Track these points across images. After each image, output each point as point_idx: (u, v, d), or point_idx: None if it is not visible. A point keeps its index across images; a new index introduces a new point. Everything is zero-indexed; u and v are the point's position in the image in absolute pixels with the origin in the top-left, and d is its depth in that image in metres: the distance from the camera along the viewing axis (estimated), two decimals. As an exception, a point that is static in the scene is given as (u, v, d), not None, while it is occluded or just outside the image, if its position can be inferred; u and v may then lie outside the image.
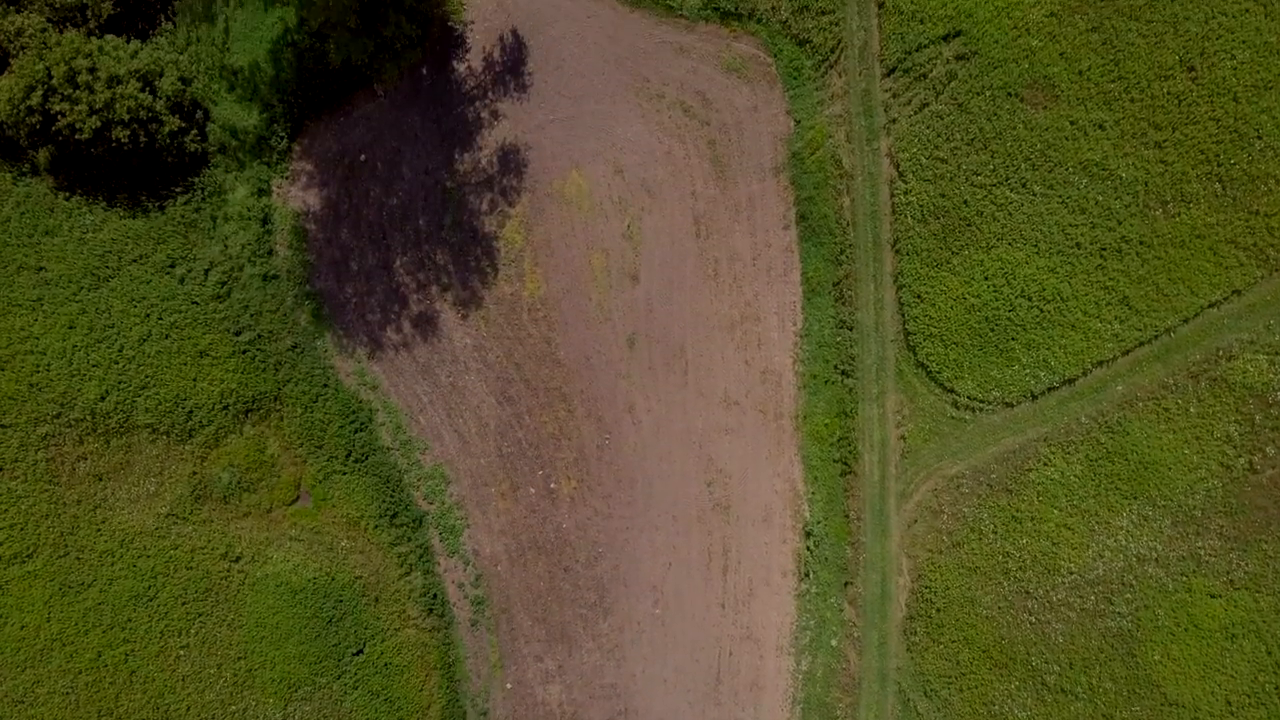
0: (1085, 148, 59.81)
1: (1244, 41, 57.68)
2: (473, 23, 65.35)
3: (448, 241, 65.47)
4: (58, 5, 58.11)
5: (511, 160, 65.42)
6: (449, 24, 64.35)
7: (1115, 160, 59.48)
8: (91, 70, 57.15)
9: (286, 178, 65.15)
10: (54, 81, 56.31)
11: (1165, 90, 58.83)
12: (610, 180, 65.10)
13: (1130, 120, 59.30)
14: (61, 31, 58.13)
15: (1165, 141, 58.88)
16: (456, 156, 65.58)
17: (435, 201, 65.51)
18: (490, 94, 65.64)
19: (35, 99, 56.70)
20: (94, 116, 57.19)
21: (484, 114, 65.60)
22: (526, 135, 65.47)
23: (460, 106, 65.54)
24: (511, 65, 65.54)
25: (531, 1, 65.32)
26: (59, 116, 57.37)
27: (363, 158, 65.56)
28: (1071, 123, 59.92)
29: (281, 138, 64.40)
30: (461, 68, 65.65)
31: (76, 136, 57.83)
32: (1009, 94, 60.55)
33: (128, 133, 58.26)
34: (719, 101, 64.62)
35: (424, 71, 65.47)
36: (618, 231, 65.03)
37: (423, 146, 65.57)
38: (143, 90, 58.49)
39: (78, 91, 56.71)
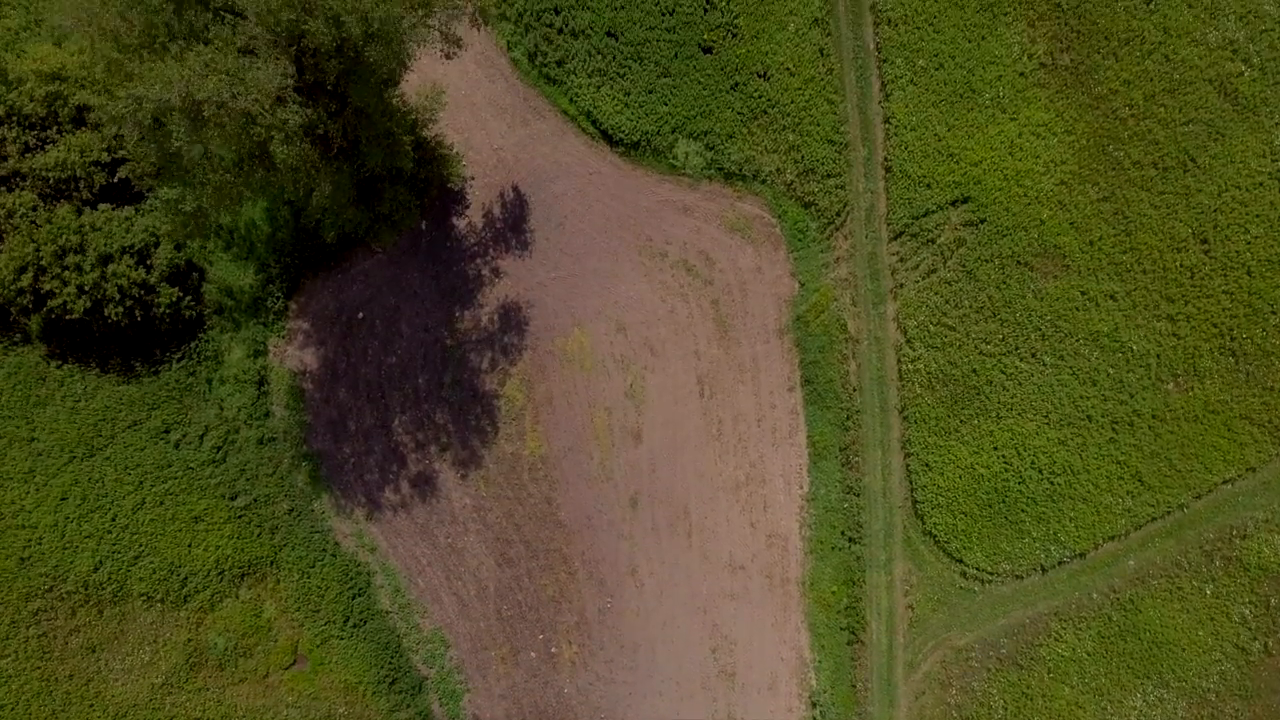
0: (1096, 319, 58.91)
1: (1258, 216, 56.92)
2: (473, 179, 64.33)
3: (447, 400, 64.37)
4: (50, 179, 56.98)
5: (512, 317, 64.37)
6: (448, 185, 63.29)
7: (1127, 332, 58.58)
8: (81, 249, 56.07)
9: (283, 337, 64.04)
10: (43, 261, 55.19)
11: (1178, 263, 58.02)
12: (613, 338, 64.06)
13: (1142, 292, 58.45)
14: (53, 208, 56.96)
15: (1178, 314, 58.05)
16: (456, 314, 64.51)
17: (435, 359, 64.42)
18: (491, 250, 64.60)
19: (26, 280, 55.60)
20: (84, 296, 56.09)
21: (484, 271, 64.55)
22: (528, 292, 64.42)
23: (460, 263, 64.49)
24: (512, 222, 64.52)
25: (533, 158, 64.29)
26: (50, 296, 56.29)
27: (361, 315, 64.47)
28: (1082, 293, 59.01)
29: (278, 297, 63.31)
30: (462, 224, 64.61)
31: (68, 316, 56.74)
32: (1019, 263, 59.61)
33: (120, 310, 57.18)
34: (723, 261, 63.60)
35: (423, 227, 64.41)
36: (620, 390, 63.96)
37: (422, 304, 64.50)
38: (136, 266, 57.37)
39: (68, 272, 55.63)
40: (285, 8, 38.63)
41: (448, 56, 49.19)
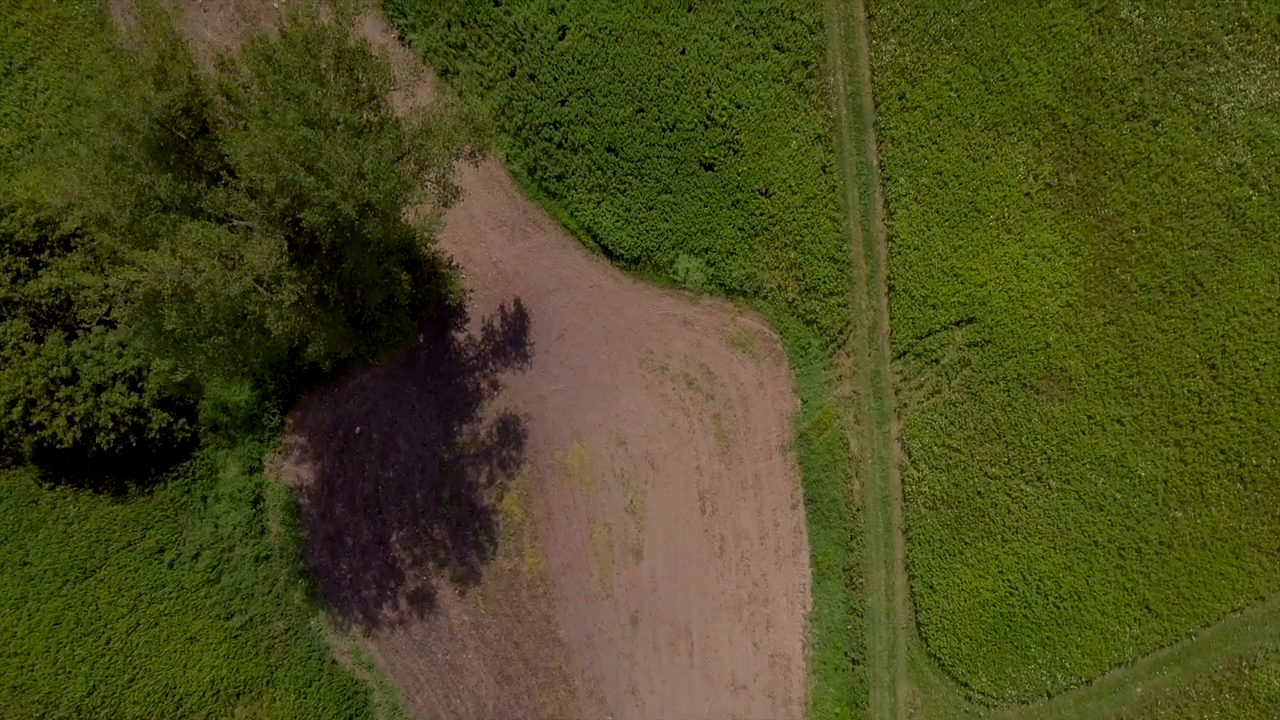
0: (1103, 443, 58.14)
1: (1267, 343, 56.14)
2: (472, 291, 63.57)
3: (445, 515, 63.57)
4: (43, 305, 56.18)
5: (511, 431, 63.60)
6: (446, 302, 62.52)
7: (1134, 457, 57.81)
8: (74, 378, 55.28)
9: (280, 452, 63.24)
10: (34, 395, 54.40)
11: (1185, 388, 57.24)
12: (613, 453, 63.28)
13: (1149, 417, 57.67)
14: (43, 338, 56.11)
15: (1185, 440, 57.25)
16: (454, 428, 63.74)
17: (432, 474, 63.64)
18: (490, 364, 63.84)
19: (16, 413, 54.79)
20: (75, 426, 55.30)
21: (483, 384, 63.79)
22: (527, 406, 63.65)
23: (459, 377, 63.73)
24: (512, 335, 63.76)
25: (532, 270, 63.54)
26: (40, 427, 55.51)
27: (358, 430, 63.69)
28: (1089, 417, 58.25)
29: (274, 414, 62.51)
30: (460, 337, 63.85)
31: (58, 446, 55.97)
32: (1024, 385, 58.86)
33: (112, 437, 56.39)
34: (724, 376, 62.83)
35: (421, 340, 63.65)
36: (620, 505, 63.18)
37: (420, 418, 63.72)
38: (129, 392, 56.58)
39: (59, 403, 54.85)
40: (279, 193, 37.92)
41: (446, 204, 48.41)
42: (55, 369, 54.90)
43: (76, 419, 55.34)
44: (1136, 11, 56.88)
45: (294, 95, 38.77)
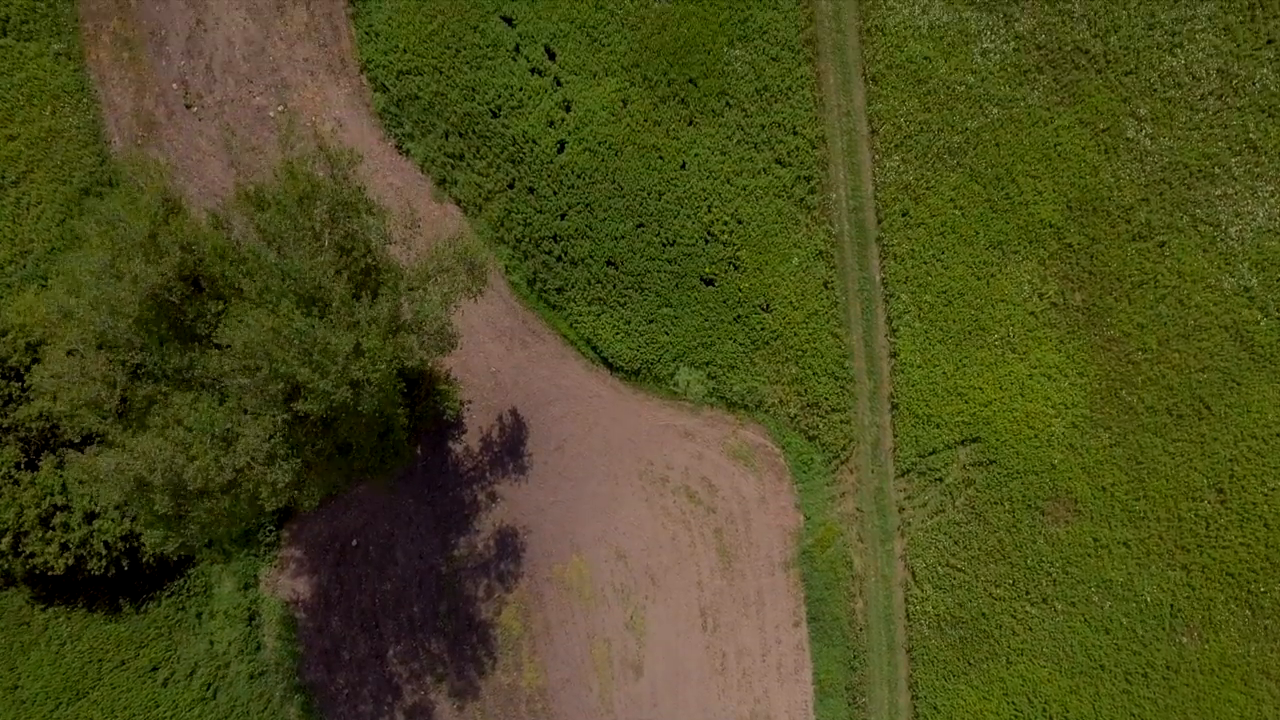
0: (1109, 566, 57.40)
1: (1275, 467, 55.45)
2: (470, 402, 62.80)
3: (443, 629, 62.76)
4: (34, 430, 55.35)
5: (509, 544, 62.82)
6: (444, 417, 61.77)
7: (1140, 581, 57.07)
8: (67, 506, 54.53)
9: (275, 566, 62.43)
10: (25, 526, 53.64)
11: (1193, 512, 56.51)
12: (613, 566, 62.50)
13: (1156, 540, 56.94)
14: (37, 464, 55.34)
15: (1192, 564, 56.51)
16: (452, 540, 62.96)
17: (430, 587, 62.83)
18: (488, 475, 63.06)
19: (5, 543, 54.02)
20: (67, 554, 54.52)
21: (481, 496, 63.01)
22: (525, 518, 62.88)
23: (456, 489, 62.95)
24: (510, 445, 63.00)
25: (531, 380, 62.79)
26: (32, 555, 54.76)
27: (354, 543, 62.89)
28: (1095, 539, 57.50)
29: (269, 528, 61.70)
30: (458, 448, 63.08)
31: (49, 573, 55.20)
32: (1029, 506, 58.10)
33: (104, 563, 55.62)
34: (725, 489, 62.07)
35: (418, 451, 62.88)
36: (620, 620, 62.37)
37: (417, 530, 62.94)
38: (121, 519, 55.75)
39: (51, 532, 54.08)
40: (272, 381, 37.23)
41: (443, 351, 47.69)
42: (49, 498, 54.12)
43: (70, 546, 54.55)
44: (1143, 132, 56.23)
45: (290, 274, 38.01)
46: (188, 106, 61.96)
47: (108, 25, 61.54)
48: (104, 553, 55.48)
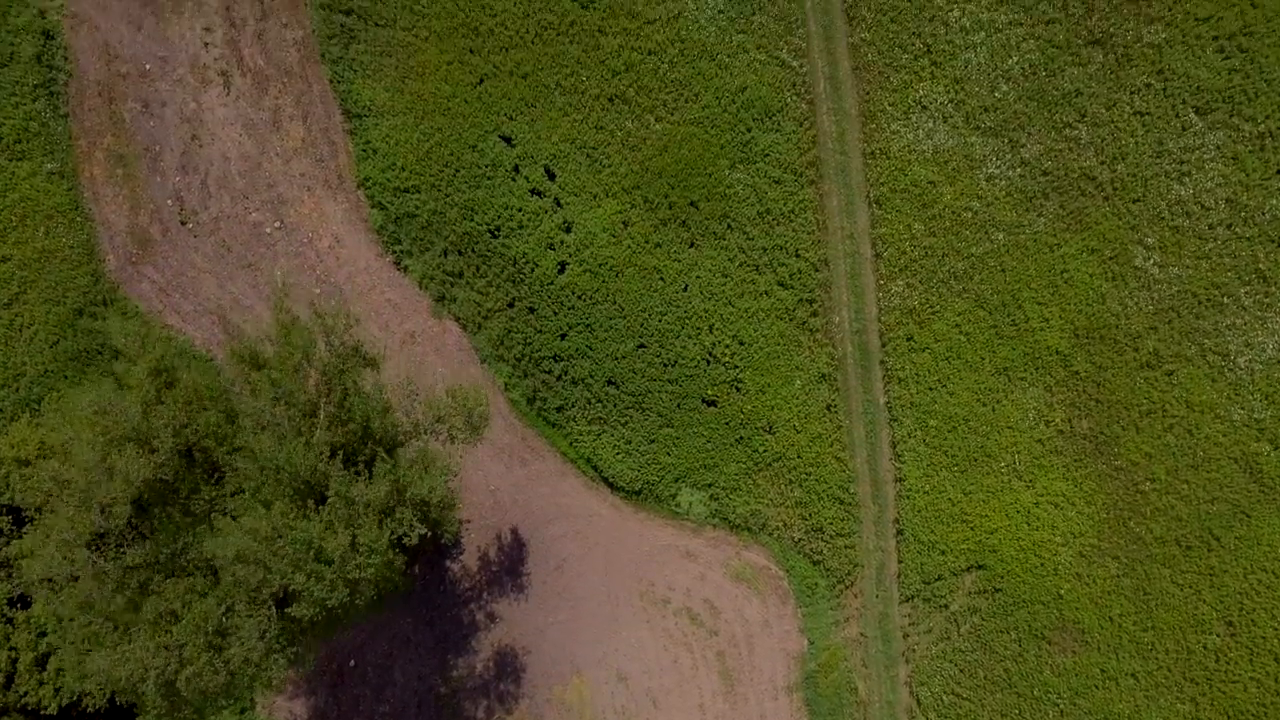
0: (1117, 698, 56.58)
1: (1285, 603, 54.59)
2: (469, 521, 62.00)
3: (442, 751, 61.95)
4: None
5: (509, 665, 61.95)
6: (443, 541, 60.98)
7: (1148, 714, 56.28)
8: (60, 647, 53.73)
9: (272, 688, 61.49)
10: (20, 668, 52.82)
11: (1202, 645, 55.74)
12: (613, 688, 61.62)
13: (1164, 673, 56.13)
14: (30, 600, 54.51)
15: (1201, 698, 55.71)
16: (451, 660, 62.09)
17: (429, 709, 61.94)
18: (487, 594, 62.22)
19: (-2, 686, 53.23)
20: (61, 695, 53.68)
21: (480, 616, 62.16)
22: (525, 638, 62.02)
23: (455, 608, 62.10)
24: (509, 565, 62.18)
25: (530, 499, 62.00)
26: (25, 695, 53.93)
27: (352, 663, 62.02)
28: (1102, 671, 56.68)
29: (266, 651, 60.85)
30: (456, 567, 62.25)
31: (43, 711, 54.35)
32: (1035, 636, 57.29)
33: (101, 700, 54.72)
34: (728, 612, 61.25)
35: (416, 571, 62.05)
36: (621, 742, 61.58)
37: (415, 650, 62.07)
38: (118, 657, 54.92)
39: (44, 674, 53.24)
40: (266, 586, 36.49)
41: (444, 519, 46.85)
42: (44, 639, 53.27)
43: (60, 689, 53.69)
44: (1151, 260, 55.53)
45: (285, 468, 37.21)
46: (183, 223, 61.20)
47: (102, 142, 60.80)
48: (100, 691, 54.56)
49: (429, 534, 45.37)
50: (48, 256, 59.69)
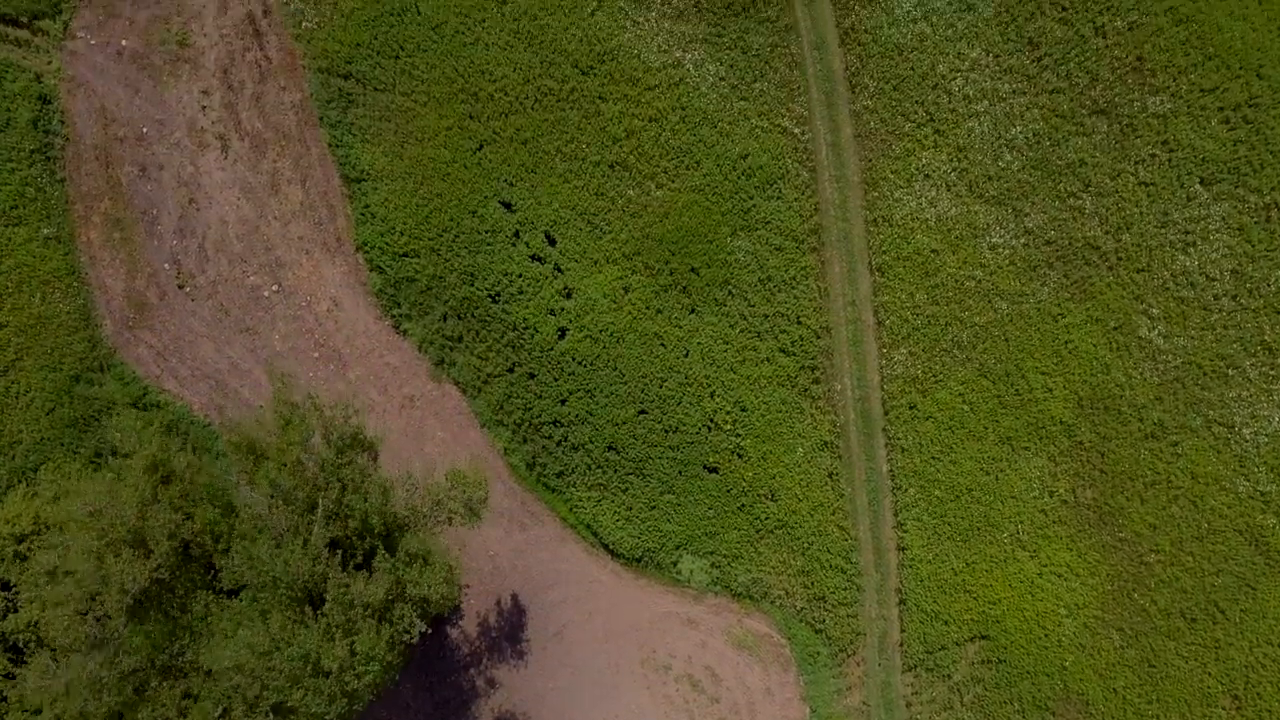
0: (1122, 771, 56.10)
1: (1291, 677, 54.18)
2: (468, 586, 61.52)
3: (441, 818, 61.44)
4: (20, 639, 53.98)
5: (509, 731, 61.54)
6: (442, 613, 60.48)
7: (1154, 787, 55.79)
8: None
9: (269, 756, 61.04)
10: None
11: (1207, 718, 55.31)
12: (614, 754, 61.19)
13: (1170, 745, 55.65)
14: (23, 669, 54.01)
15: (1208, 772, 55.21)
16: (450, 727, 61.66)
17: (427, 775, 61.52)
18: (486, 660, 61.73)
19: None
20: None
21: (479, 682, 61.66)
22: (525, 704, 61.51)
23: (454, 674, 61.60)
24: (509, 630, 61.70)
25: (530, 565, 61.53)
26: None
27: (350, 730, 61.57)
28: (1107, 744, 56.23)
29: (263, 719, 60.34)
30: (455, 633, 61.75)
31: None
32: (1039, 707, 56.85)
33: (97, 775, 54.26)
34: (729, 679, 60.76)
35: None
36: (622, 810, 61.05)
37: (414, 717, 61.55)
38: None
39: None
40: (261, 699, 36.02)
41: (443, 610, 46.40)
42: (36, 716, 52.74)
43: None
44: (1156, 330, 55.15)
45: (283, 574, 36.77)
46: (180, 287, 60.76)
47: (99, 206, 60.37)
48: (93, 765, 54.04)
49: (428, 630, 44.78)
50: (44, 322, 59.20)
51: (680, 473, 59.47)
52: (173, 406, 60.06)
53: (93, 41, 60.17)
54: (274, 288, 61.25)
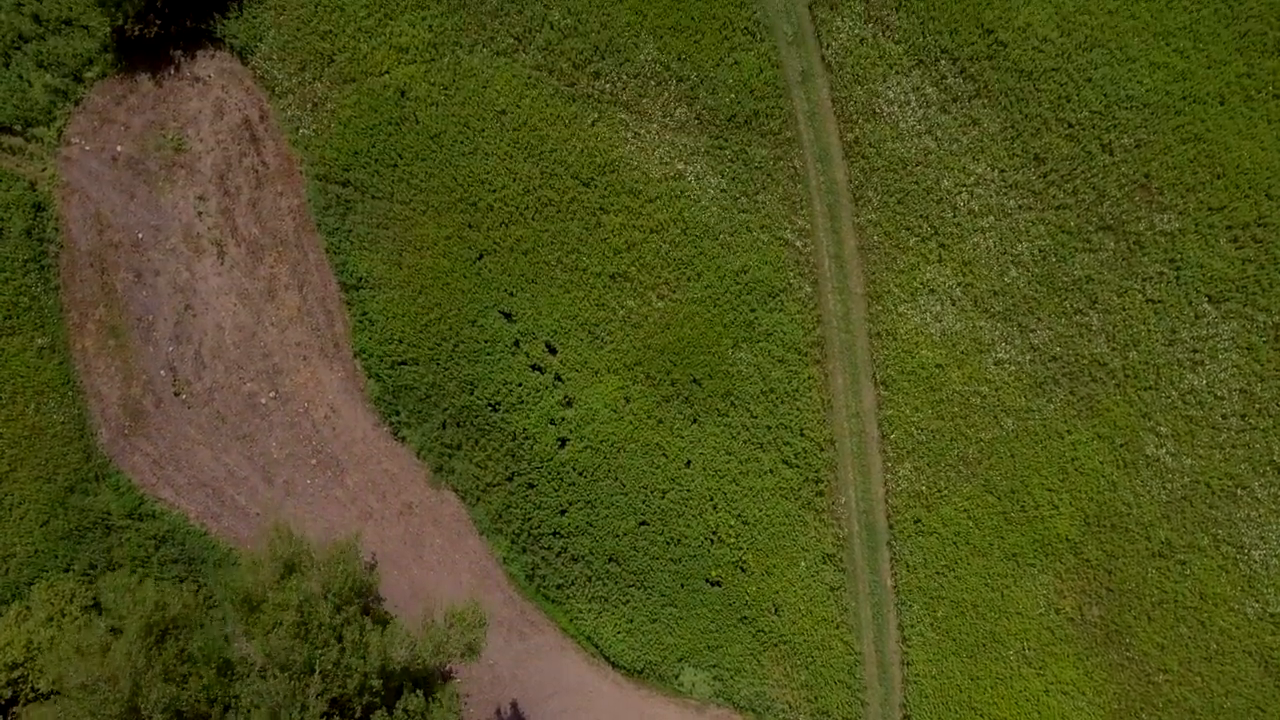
0: None
1: (1301, 802, 53.50)
2: (468, 696, 60.72)
3: None
4: (15, 763, 53.42)
5: (508, 841, 60.82)
6: (441, 724, 59.75)
7: None
8: None
9: None
10: None
11: (1216, 841, 54.50)
12: None
13: None
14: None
15: None
16: (449, 838, 60.85)
17: None
18: (486, 770, 61.08)
19: None
20: None
21: (479, 790, 61.02)
22: (525, 814, 60.91)
23: (453, 784, 60.87)
24: (509, 740, 61.08)
25: (530, 674, 60.80)
26: None
27: (348, 841, 60.84)
28: None
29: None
30: (455, 743, 61.01)
31: None
32: (1046, 827, 56.14)
33: None
34: (732, 791, 60.10)
35: (414, 746, 60.81)
36: None
37: (413, 827, 60.86)
38: None
39: None
40: None
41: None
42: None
43: None
44: (1164, 449, 54.47)
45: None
46: (176, 394, 60.08)
47: (93, 313, 59.69)
48: None
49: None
50: (38, 433, 58.53)
51: (682, 585, 58.77)
52: (169, 516, 59.40)
53: (87, 147, 59.50)
54: (271, 394, 60.56)
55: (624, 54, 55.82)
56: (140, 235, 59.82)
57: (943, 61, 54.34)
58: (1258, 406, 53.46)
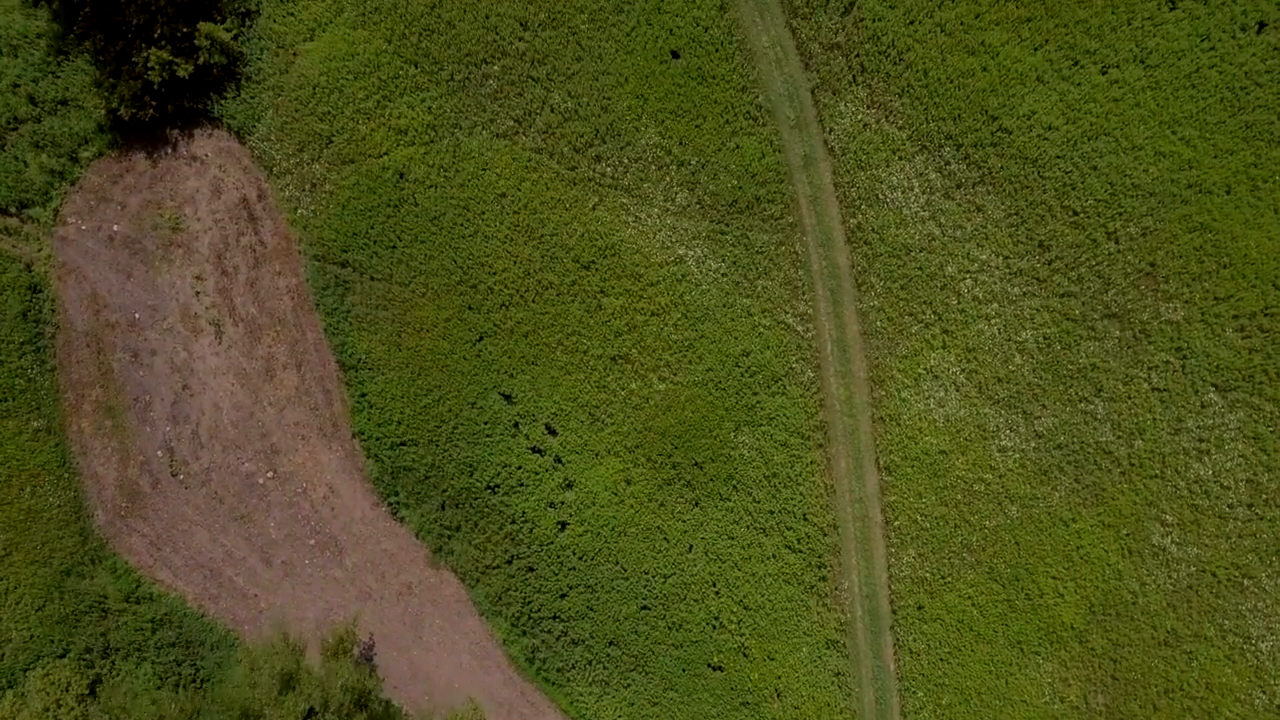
0: None
1: None
2: (466, 779, 60.27)
3: None
4: None
5: None
6: (440, 807, 59.28)
7: None
8: None
9: None
10: None
11: None
12: None
13: None
14: None
15: None
16: None
17: None
18: None
19: None
20: None
21: None
22: None
23: None
24: (508, 822, 60.47)
25: (530, 756, 60.33)
26: None
27: None
28: None
29: None
30: (454, 825, 60.49)
31: None
32: None
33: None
34: None
35: (413, 828, 60.38)
36: None
37: None
38: None
39: None
40: None
41: None
42: None
43: None
44: (1170, 538, 53.94)
45: None
46: (173, 474, 59.59)
47: (90, 394, 59.20)
48: None
49: None
50: (34, 516, 58.03)
51: (684, 670, 58.27)
52: (166, 598, 58.95)
53: (84, 227, 59.04)
54: (269, 474, 60.06)
55: (625, 138, 55.36)
56: (137, 315, 59.35)
57: (946, 147, 53.87)
58: (1264, 496, 52.91)
